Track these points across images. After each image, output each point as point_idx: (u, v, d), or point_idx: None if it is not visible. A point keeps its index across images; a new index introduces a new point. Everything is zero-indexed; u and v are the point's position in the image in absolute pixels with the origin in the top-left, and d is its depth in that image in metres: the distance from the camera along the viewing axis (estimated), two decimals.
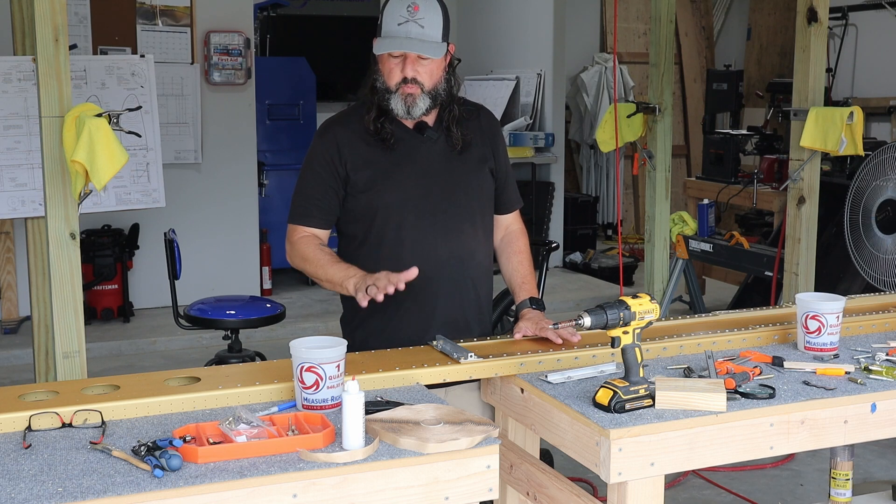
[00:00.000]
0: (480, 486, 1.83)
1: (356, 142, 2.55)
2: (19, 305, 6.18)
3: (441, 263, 2.54)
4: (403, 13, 2.44)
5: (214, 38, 6.41)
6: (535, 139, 7.84)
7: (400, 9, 2.45)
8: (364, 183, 2.53)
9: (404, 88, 2.48)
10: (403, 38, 2.44)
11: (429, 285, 2.50)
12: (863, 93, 8.15)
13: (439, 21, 2.47)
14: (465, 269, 2.59)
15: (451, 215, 2.56)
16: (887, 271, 4.12)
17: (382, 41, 2.47)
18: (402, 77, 2.47)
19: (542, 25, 8.05)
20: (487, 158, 2.65)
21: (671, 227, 5.63)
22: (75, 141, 2.65)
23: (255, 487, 1.68)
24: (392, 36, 2.45)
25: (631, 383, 2.02)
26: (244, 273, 6.72)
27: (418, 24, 2.44)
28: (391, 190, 2.53)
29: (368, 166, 2.53)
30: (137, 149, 4.60)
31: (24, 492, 1.62)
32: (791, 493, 3.86)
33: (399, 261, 2.48)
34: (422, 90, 2.49)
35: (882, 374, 2.25)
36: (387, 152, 2.54)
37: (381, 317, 2.55)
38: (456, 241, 2.57)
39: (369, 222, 2.56)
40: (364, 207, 2.55)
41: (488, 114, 2.74)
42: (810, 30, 4.08)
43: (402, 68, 2.47)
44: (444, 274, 2.55)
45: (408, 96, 2.48)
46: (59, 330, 2.77)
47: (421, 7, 2.45)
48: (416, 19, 2.44)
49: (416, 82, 2.47)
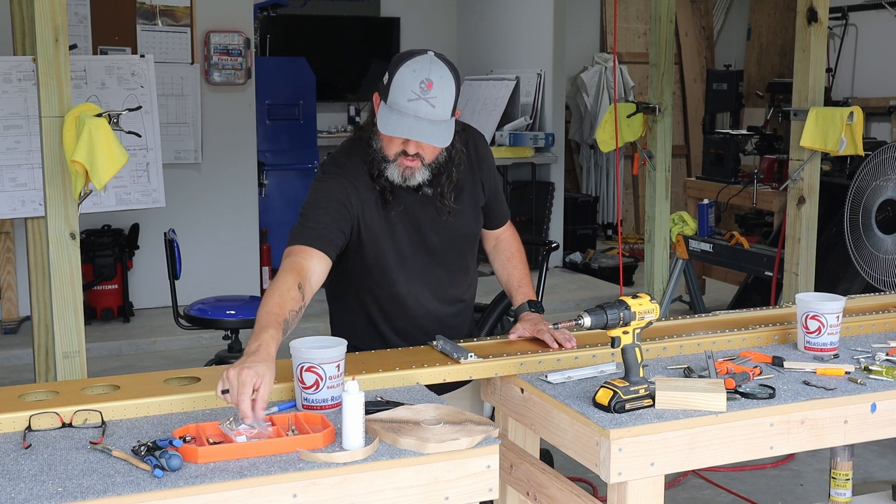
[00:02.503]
0: (480, 486, 1.83)
1: (364, 192, 2.44)
2: (19, 305, 6.18)
3: (435, 316, 2.57)
4: (416, 89, 2.28)
5: (214, 38, 6.41)
6: (535, 139, 7.84)
7: (412, 83, 2.28)
8: (366, 238, 2.46)
9: (403, 161, 2.37)
10: (412, 119, 2.28)
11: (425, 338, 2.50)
12: (863, 93, 8.15)
13: (451, 98, 2.33)
14: (459, 316, 2.64)
15: (447, 269, 2.58)
16: (887, 271, 4.12)
17: (389, 119, 2.31)
18: (403, 150, 2.37)
19: (542, 25, 8.05)
20: (478, 196, 2.60)
21: (671, 227, 5.62)
22: (75, 141, 2.66)
23: (255, 487, 1.68)
24: (400, 112, 2.29)
25: (631, 383, 2.02)
26: (244, 273, 6.72)
27: (430, 103, 2.28)
28: (384, 248, 2.47)
29: (372, 221, 2.45)
30: (137, 149, 4.59)
31: (24, 492, 1.62)
32: (791, 493, 3.86)
33: (392, 316, 2.54)
34: (422, 163, 2.39)
35: (882, 374, 2.25)
36: (386, 208, 2.46)
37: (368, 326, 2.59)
38: (448, 292, 2.60)
39: (365, 277, 2.52)
40: (360, 262, 2.49)
41: (475, 136, 2.63)
42: (810, 30, 4.08)
43: (405, 143, 2.36)
44: (438, 324, 2.57)
45: (406, 168, 2.38)
46: (59, 330, 2.78)
47: (435, 85, 2.29)
48: (428, 98, 2.28)
49: (417, 156, 2.37)
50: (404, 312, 2.55)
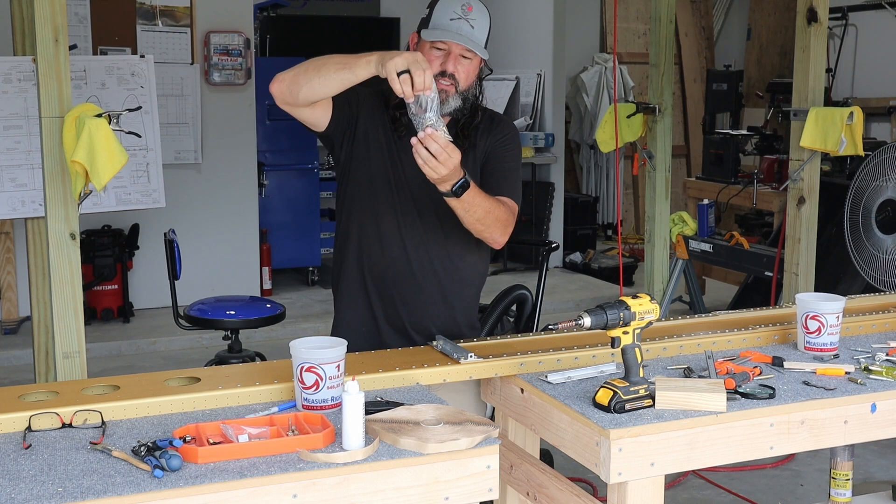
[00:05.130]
0: (480, 486, 1.83)
1: (376, 115, 2.56)
2: (19, 305, 6.18)
3: (432, 263, 2.57)
4: (458, 10, 2.48)
5: (214, 39, 6.41)
6: (535, 139, 7.84)
7: (454, 5, 2.49)
8: (362, 156, 2.55)
9: (440, 82, 2.47)
10: (454, 33, 2.47)
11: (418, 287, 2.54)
12: (863, 93, 8.15)
13: (486, 26, 2.54)
14: (457, 271, 2.62)
15: (451, 214, 2.56)
16: (887, 271, 4.12)
17: (433, 31, 2.48)
18: (441, 70, 2.48)
19: (542, 25, 8.05)
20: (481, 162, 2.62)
21: (671, 227, 5.63)
22: (75, 141, 2.65)
23: (255, 487, 1.68)
24: (443, 28, 2.47)
25: (631, 383, 2.02)
26: (244, 273, 6.72)
27: (470, 23, 2.49)
28: (392, 179, 2.55)
29: (373, 144, 2.55)
30: (137, 149, 4.59)
31: (24, 492, 1.62)
32: (791, 493, 3.86)
33: (389, 258, 2.56)
34: (456, 89, 2.50)
35: (882, 374, 2.25)
36: (397, 143, 2.56)
37: (372, 312, 2.60)
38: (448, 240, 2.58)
39: (362, 208, 2.58)
40: (361, 189, 2.56)
41: (505, 122, 2.74)
42: (810, 30, 4.08)
43: (444, 62, 2.48)
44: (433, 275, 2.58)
45: (441, 91, 2.46)
46: (59, 330, 2.77)
47: (475, 8, 2.51)
48: (468, 18, 2.49)
49: (453, 78, 2.49)
50: (404, 253, 2.56)
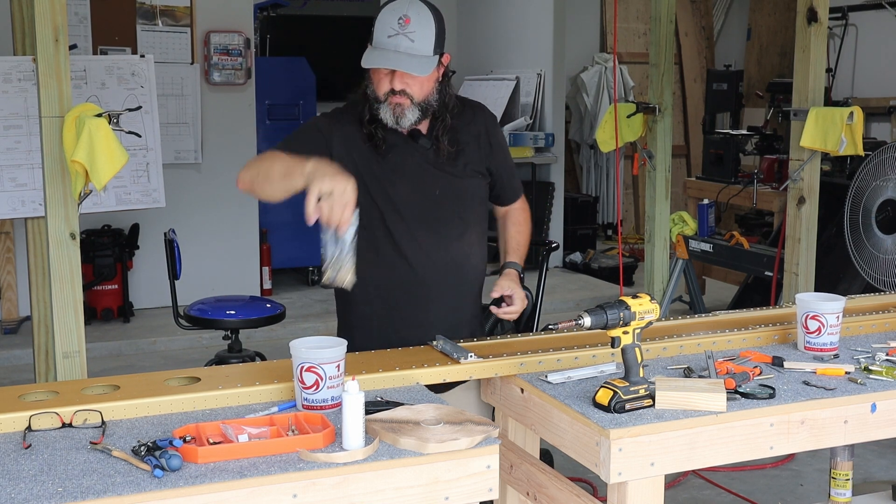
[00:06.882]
0: (480, 486, 1.83)
1: (352, 139, 2.52)
2: (19, 305, 6.18)
3: (437, 270, 2.55)
4: (394, 25, 2.39)
5: (214, 38, 6.41)
6: (535, 139, 7.84)
7: (391, 20, 2.40)
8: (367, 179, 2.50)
9: (392, 99, 2.44)
10: (392, 52, 2.39)
11: (426, 292, 2.53)
12: (863, 93, 8.15)
13: (431, 34, 2.42)
14: (462, 275, 2.61)
15: (444, 223, 2.56)
16: (887, 271, 4.12)
17: (371, 54, 2.42)
18: (391, 88, 2.44)
19: (542, 25, 8.05)
20: (482, 162, 2.63)
21: (671, 227, 5.63)
22: (75, 141, 2.66)
23: (255, 487, 1.68)
24: (381, 48, 2.40)
25: (631, 383, 2.02)
26: (244, 273, 6.72)
27: (408, 37, 2.39)
28: (381, 196, 2.51)
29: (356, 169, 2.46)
30: (137, 149, 4.59)
31: (24, 492, 1.62)
32: (791, 493, 3.86)
33: (395, 267, 2.52)
34: (411, 101, 2.45)
35: (882, 374, 2.25)
36: (378, 159, 2.52)
37: (377, 323, 2.57)
38: (449, 247, 2.57)
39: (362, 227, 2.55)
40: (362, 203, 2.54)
41: (486, 112, 2.71)
42: (810, 30, 4.08)
43: (391, 80, 2.43)
44: (440, 280, 2.56)
45: (396, 106, 2.45)
46: (59, 330, 2.77)
47: (412, 20, 2.40)
48: (406, 32, 2.39)
49: (405, 94, 2.44)
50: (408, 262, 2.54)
